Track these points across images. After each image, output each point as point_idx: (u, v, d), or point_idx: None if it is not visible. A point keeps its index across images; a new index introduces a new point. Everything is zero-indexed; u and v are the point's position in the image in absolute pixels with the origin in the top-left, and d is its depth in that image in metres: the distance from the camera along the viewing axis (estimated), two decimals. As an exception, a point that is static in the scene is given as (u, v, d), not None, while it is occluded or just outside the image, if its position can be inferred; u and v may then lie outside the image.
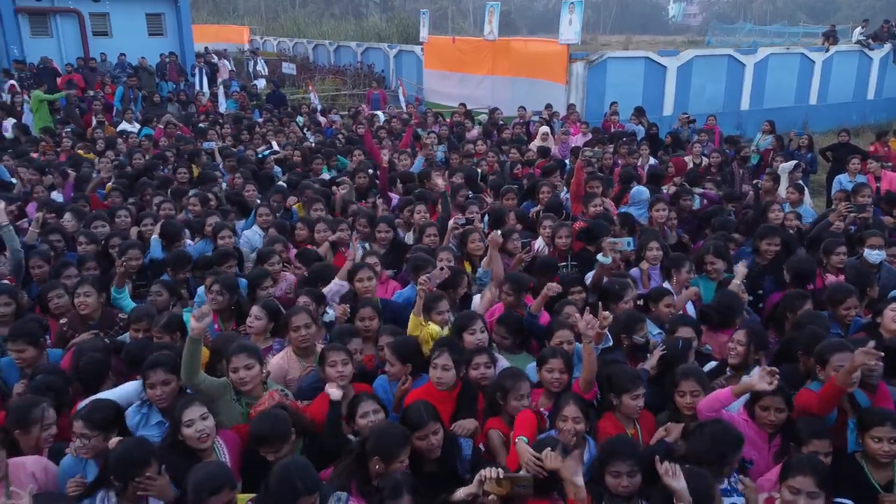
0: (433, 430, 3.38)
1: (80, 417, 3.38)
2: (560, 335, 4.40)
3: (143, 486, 3.05)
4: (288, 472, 2.90)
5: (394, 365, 4.12)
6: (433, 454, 3.40)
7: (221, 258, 5.74)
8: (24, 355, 4.28)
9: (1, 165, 9.14)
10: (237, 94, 17.66)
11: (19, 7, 21.29)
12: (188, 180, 8.78)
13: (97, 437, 3.37)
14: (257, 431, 3.36)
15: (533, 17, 67.52)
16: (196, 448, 3.35)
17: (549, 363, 4.00)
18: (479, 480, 2.93)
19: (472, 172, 8.98)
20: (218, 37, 35.03)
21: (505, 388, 3.74)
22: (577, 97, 17.53)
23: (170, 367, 3.73)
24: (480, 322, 4.41)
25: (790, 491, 3.08)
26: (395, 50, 26.91)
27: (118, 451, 3.12)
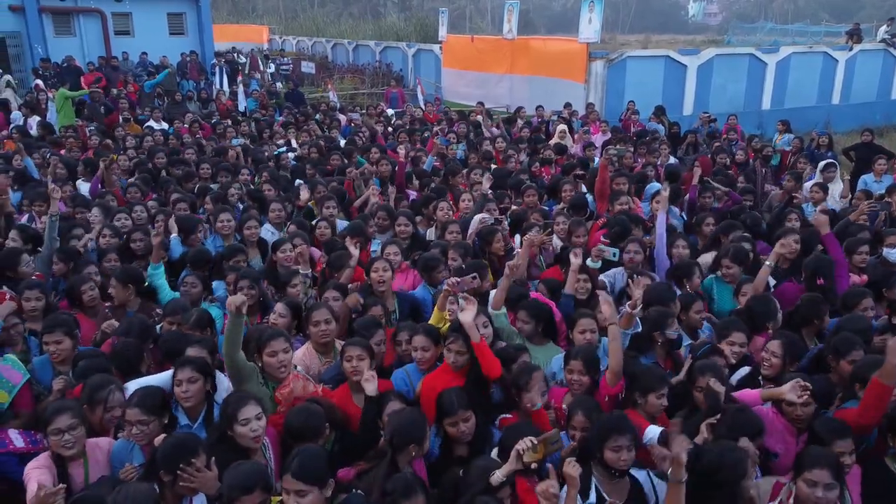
0: (464, 417, 3.44)
1: (135, 405, 3.42)
2: (583, 324, 4.40)
3: (190, 476, 3.03)
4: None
5: (427, 350, 4.15)
6: (464, 439, 3.48)
7: (232, 253, 5.79)
8: (62, 347, 4.31)
9: (28, 160, 9.24)
10: (257, 92, 17.78)
11: (43, 7, 21.59)
12: (210, 176, 8.85)
13: (154, 423, 3.44)
14: (292, 426, 3.39)
15: (551, 16, 67.29)
16: (247, 447, 3.34)
17: (569, 364, 4.00)
18: (517, 455, 2.99)
19: (502, 172, 8.95)
20: (237, 36, 35.29)
21: (519, 384, 3.73)
22: (596, 96, 17.46)
23: (198, 367, 3.77)
24: (482, 317, 4.35)
25: (807, 483, 3.09)
26: (414, 49, 26.94)
27: (168, 442, 3.13)
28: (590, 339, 4.39)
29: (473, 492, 2.98)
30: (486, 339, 4.17)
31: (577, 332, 4.46)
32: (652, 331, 4.38)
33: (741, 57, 19.54)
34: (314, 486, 2.88)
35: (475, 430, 3.51)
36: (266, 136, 11.98)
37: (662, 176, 8.88)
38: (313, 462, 2.94)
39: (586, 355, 4.03)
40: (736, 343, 4.36)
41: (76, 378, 4.02)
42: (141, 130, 12.31)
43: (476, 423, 3.51)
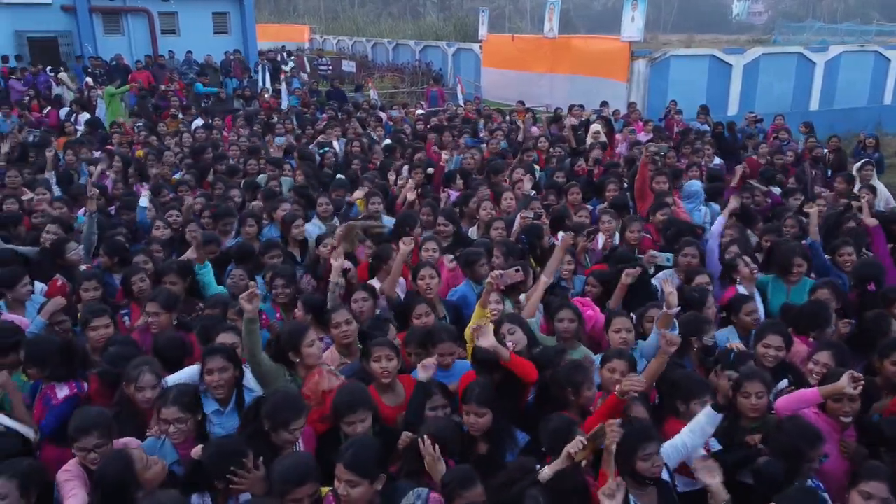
0: (476, 411, 3.45)
1: (173, 403, 3.41)
2: (619, 322, 4.34)
3: (240, 480, 3.03)
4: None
5: (452, 354, 4.14)
6: (472, 431, 3.49)
7: (267, 248, 5.84)
8: (101, 333, 4.41)
9: (84, 169, 9.45)
10: (299, 90, 17.97)
11: (94, 6, 22.17)
12: (256, 172, 8.96)
13: (190, 420, 3.45)
14: (340, 402, 3.38)
15: (591, 15, 66.69)
16: (283, 446, 3.35)
17: (611, 363, 3.91)
18: (567, 455, 2.98)
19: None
20: (279, 36, 35.76)
21: (577, 381, 3.67)
22: (638, 95, 17.26)
23: (228, 355, 3.80)
24: (508, 325, 4.29)
25: (862, 496, 3.01)
26: (454, 48, 26.96)
27: (214, 448, 3.13)
28: (625, 339, 4.33)
29: (522, 486, 2.96)
30: (517, 345, 4.14)
31: (612, 332, 4.39)
32: (689, 336, 4.29)
33: (789, 56, 19.10)
34: (365, 479, 2.89)
35: (493, 428, 3.49)
36: (309, 133, 12.08)
37: (705, 176, 8.73)
38: (366, 454, 2.95)
39: (630, 358, 3.97)
40: (772, 346, 4.22)
41: (107, 362, 4.06)
42: (178, 126, 12.52)
43: (495, 423, 3.49)
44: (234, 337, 4.11)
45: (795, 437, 3.29)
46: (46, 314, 4.68)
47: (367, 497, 2.92)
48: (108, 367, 3.99)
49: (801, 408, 3.60)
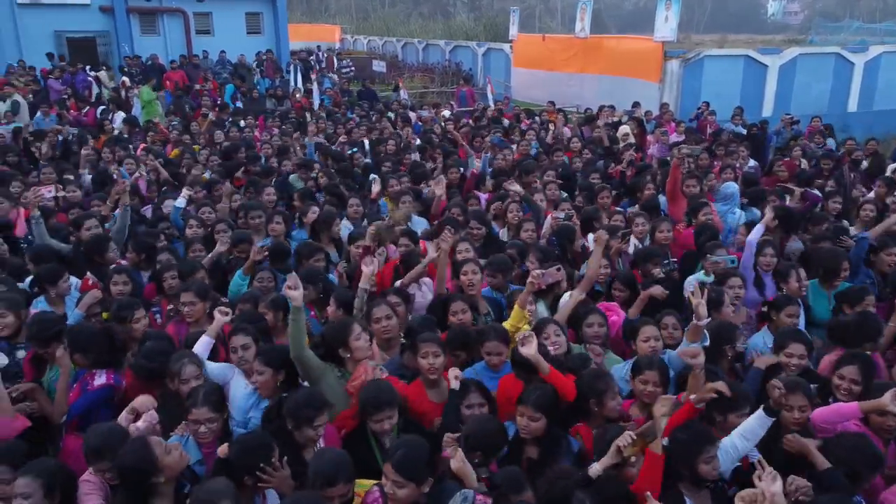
0: (531, 415, 3.41)
1: (203, 403, 3.43)
2: (647, 331, 4.29)
3: (268, 476, 3.05)
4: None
5: (500, 354, 4.09)
6: (523, 434, 3.46)
7: (311, 252, 5.85)
8: (141, 326, 4.52)
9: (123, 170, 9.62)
10: (330, 90, 18.09)
11: (131, 7, 22.56)
12: (287, 172, 9.03)
13: (219, 420, 3.47)
14: (367, 399, 3.39)
15: (623, 15, 66.09)
16: (306, 444, 3.38)
17: (644, 374, 3.85)
18: (616, 450, 3.00)
19: (567, 171, 8.85)
20: (310, 36, 36.02)
21: (599, 390, 3.62)
22: (670, 96, 17.07)
23: (251, 333, 3.91)
24: (555, 326, 4.29)
25: None
26: (484, 48, 26.93)
27: (241, 444, 3.17)
28: (654, 347, 4.26)
29: (568, 484, 2.93)
30: (559, 348, 4.14)
31: (640, 341, 4.33)
32: (723, 344, 4.24)
33: (826, 56, 18.73)
34: (411, 481, 2.90)
35: (545, 434, 3.46)
36: (340, 131, 12.14)
37: (740, 179, 8.59)
38: (415, 457, 2.95)
39: (661, 365, 3.92)
40: (794, 355, 4.13)
41: (143, 356, 4.11)
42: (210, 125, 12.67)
43: (548, 428, 3.46)
44: (245, 338, 4.11)
45: (858, 458, 3.23)
46: (84, 307, 4.77)
47: (412, 498, 2.93)
48: (144, 362, 4.05)
49: (839, 421, 3.52)
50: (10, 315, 4.43)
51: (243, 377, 4.09)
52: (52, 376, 4.19)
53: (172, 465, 3.02)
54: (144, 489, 2.98)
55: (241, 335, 4.11)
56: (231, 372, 4.13)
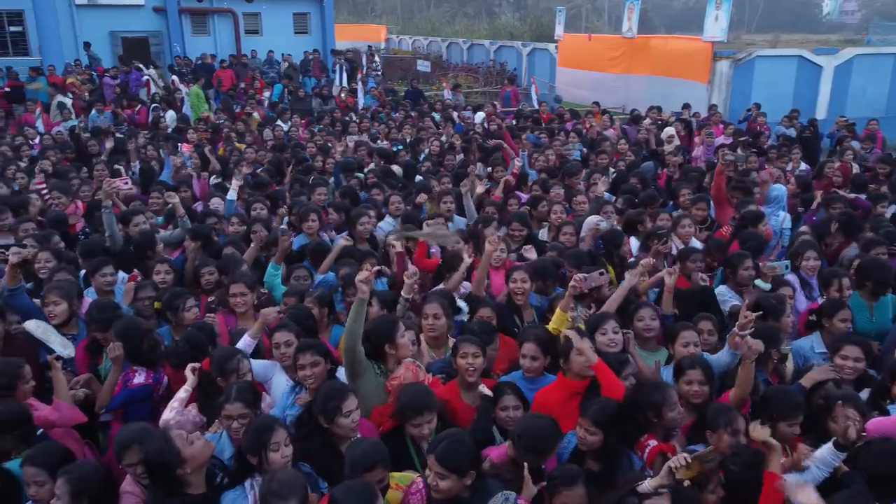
0: (588, 428, 3.32)
1: (237, 399, 3.45)
2: (686, 336, 4.19)
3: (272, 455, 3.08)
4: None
5: (536, 359, 4.03)
6: (582, 447, 3.37)
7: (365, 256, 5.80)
8: (191, 315, 4.61)
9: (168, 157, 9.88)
10: (375, 90, 18.22)
11: (183, 7, 23.11)
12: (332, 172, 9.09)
13: (252, 417, 3.46)
14: (405, 403, 3.38)
15: (671, 15, 65.03)
16: (345, 437, 3.38)
17: (687, 375, 3.77)
18: (668, 470, 2.86)
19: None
20: (356, 35, 36.34)
21: (656, 403, 3.51)
22: (719, 97, 16.71)
23: (320, 350, 3.86)
24: (613, 322, 4.23)
25: None
26: (529, 48, 26.78)
27: (253, 425, 3.22)
28: (693, 353, 4.14)
29: (622, 493, 2.89)
30: (615, 346, 4.07)
31: (678, 346, 4.21)
32: (769, 348, 4.10)
33: (885, 57, 18.12)
34: (453, 472, 2.91)
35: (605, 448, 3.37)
36: (383, 131, 12.22)
37: (793, 183, 8.36)
38: (458, 449, 2.95)
39: (705, 365, 3.83)
40: (850, 357, 4.01)
41: (183, 342, 4.25)
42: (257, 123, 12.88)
43: (608, 443, 3.37)
44: (288, 335, 4.13)
45: (885, 460, 3.12)
46: (127, 300, 4.92)
47: (455, 490, 2.94)
48: (182, 349, 4.17)
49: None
50: (63, 303, 4.56)
51: (284, 374, 4.13)
52: (107, 365, 4.29)
53: (196, 454, 3.05)
54: (175, 482, 3.02)
55: (284, 331, 4.14)
56: (273, 369, 4.18)
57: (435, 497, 2.98)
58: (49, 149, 10.05)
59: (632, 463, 3.40)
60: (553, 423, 3.29)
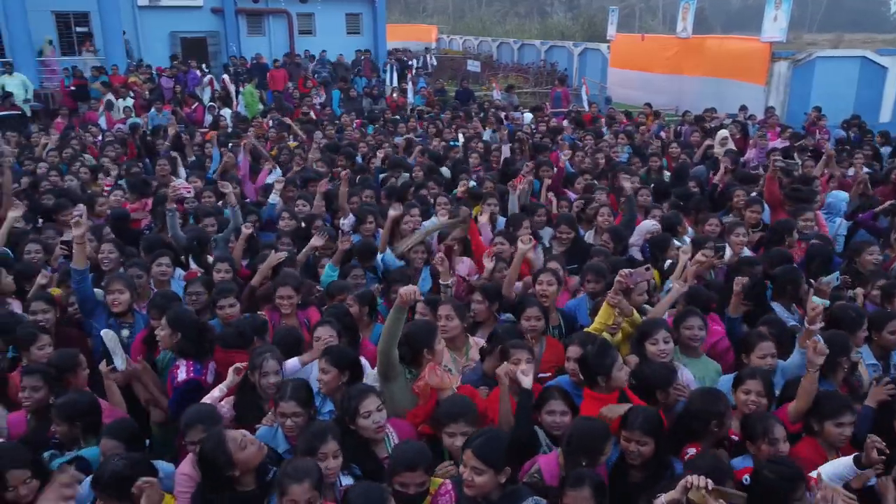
0: (639, 439, 3.26)
1: (291, 397, 3.49)
2: (764, 347, 4.08)
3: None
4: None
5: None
6: (631, 460, 3.31)
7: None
8: (233, 311, 4.70)
9: (215, 150, 10.12)
10: (425, 89, 18.33)
11: (239, 8, 23.66)
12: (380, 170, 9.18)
13: (305, 416, 3.52)
14: (443, 411, 3.40)
15: (728, 14, 63.47)
16: (369, 438, 3.41)
17: (746, 384, 3.69)
18: (683, 486, 2.72)
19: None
20: (407, 35, 36.59)
21: (721, 411, 3.42)
22: (777, 100, 16.27)
23: (336, 327, 4.06)
24: (664, 331, 4.14)
25: None
26: (581, 48, 26.53)
27: (309, 430, 3.28)
28: (770, 365, 4.05)
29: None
30: (666, 356, 4.02)
31: (755, 357, 4.10)
32: (839, 356, 3.96)
33: (955, 58, 17.33)
34: (490, 468, 2.92)
35: (654, 458, 3.30)
36: (432, 131, 12.30)
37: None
38: (494, 445, 2.97)
39: (766, 377, 3.74)
40: None
41: (233, 328, 4.37)
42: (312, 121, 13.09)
43: (656, 453, 3.31)
44: (330, 331, 4.19)
45: None
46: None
47: (490, 486, 2.94)
48: (231, 333, 4.32)
49: None
50: (126, 293, 4.77)
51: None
52: (164, 357, 4.45)
53: (247, 459, 3.11)
54: (225, 480, 3.09)
55: (326, 327, 4.21)
56: (310, 368, 4.22)
57: (468, 493, 2.97)
58: (108, 145, 10.45)
59: (674, 473, 3.33)
60: (603, 426, 3.26)
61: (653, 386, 3.77)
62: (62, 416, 3.53)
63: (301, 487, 2.77)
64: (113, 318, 4.83)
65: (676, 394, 3.78)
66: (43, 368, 3.86)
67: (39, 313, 4.59)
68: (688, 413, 3.47)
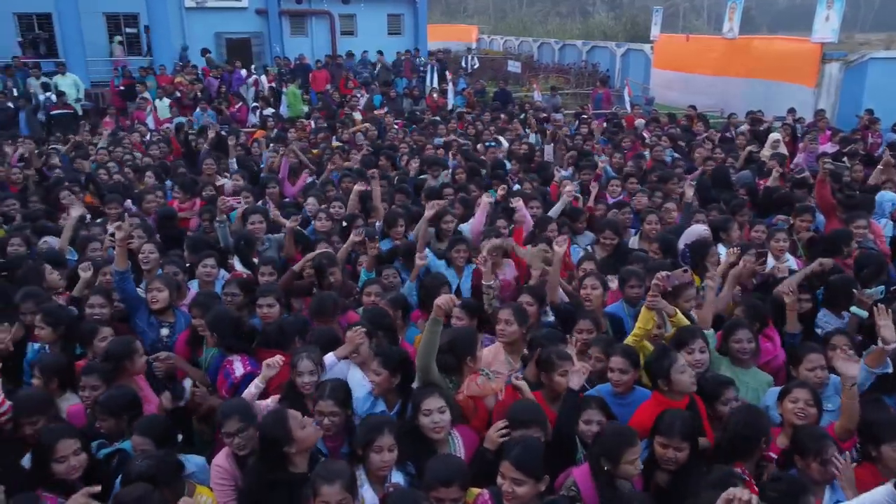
0: (677, 445, 3.22)
1: (329, 397, 3.55)
2: (813, 359, 3.97)
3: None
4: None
5: (626, 373, 3.94)
6: (665, 465, 3.25)
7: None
8: (272, 311, 4.72)
9: (266, 152, 10.27)
10: (465, 91, 18.31)
11: (283, 10, 23.96)
12: (418, 171, 9.20)
13: (342, 416, 3.56)
14: (514, 416, 3.39)
15: (775, 13, 62.05)
16: (430, 438, 3.43)
17: (794, 393, 3.59)
18: (726, 500, 2.55)
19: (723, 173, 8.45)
20: (448, 36, 36.63)
21: (766, 429, 3.36)
22: (827, 102, 15.82)
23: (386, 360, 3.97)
24: (700, 341, 4.08)
25: None
26: (623, 49, 26.21)
27: (369, 422, 3.35)
28: (820, 377, 3.94)
29: None
30: (702, 366, 3.95)
31: (803, 370, 4.00)
32: None
33: None
34: (531, 478, 2.90)
35: (686, 466, 3.25)
36: (471, 132, 12.27)
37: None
38: (533, 454, 2.96)
39: (813, 388, 3.64)
40: None
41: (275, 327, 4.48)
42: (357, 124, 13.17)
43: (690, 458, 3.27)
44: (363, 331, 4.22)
45: None
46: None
47: (530, 496, 2.92)
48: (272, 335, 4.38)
49: None
50: (165, 290, 4.86)
51: (358, 370, 4.16)
52: (207, 356, 4.52)
53: (305, 438, 3.24)
54: (280, 458, 3.20)
55: (358, 329, 4.19)
56: (346, 367, 4.21)
57: None
58: (153, 144, 10.69)
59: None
60: (631, 432, 3.22)
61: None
62: (107, 411, 3.64)
63: (332, 489, 2.80)
64: (153, 316, 4.91)
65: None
66: (100, 367, 3.98)
67: (97, 307, 4.71)
68: (736, 434, 3.38)
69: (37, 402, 3.64)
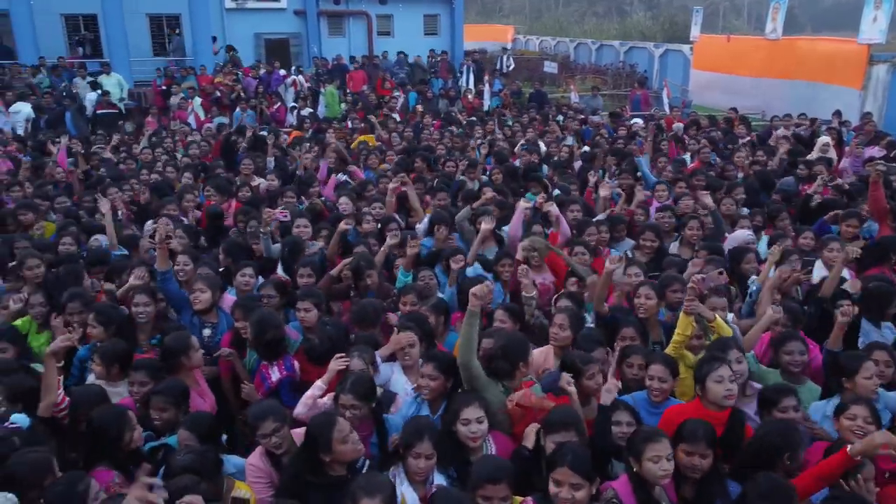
0: (700, 451, 3.17)
1: (349, 391, 3.59)
2: (869, 367, 3.86)
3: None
4: None
5: (665, 381, 3.91)
6: (688, 473, 3.21)
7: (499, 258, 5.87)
8: (309, 315, 4.72)
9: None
10: (502, 92, 18.25)
11: (321, 10, 24.17)
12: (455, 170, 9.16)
13: (363, 409, 3.60)
14: (551, 421, 3.40)
15: (819, 13, 60.60)
16: (470, 447, 3.43)
17: (852, 409, 3.49)
18: None
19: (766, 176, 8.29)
20: (484, 36, 36.52)
21: (795, 444, 3.28)
22: (874, 105, 15.41)
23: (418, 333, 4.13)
24: (736, 351, 4.00)
25: None
26: (662, 49, 25.87)
27: (412, 424, 3.38)
28: (876, 385, 3.85)
29: None
30: (741, 377, 3.87)
31: (861, 378, 3.86)
32: None
33: None
34: (588, 480, 2.89)
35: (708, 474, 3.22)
36: (507, 133, 12.23)
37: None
38: (586, 457, 2.96)
39: (873, 404, 3.56)
40: None
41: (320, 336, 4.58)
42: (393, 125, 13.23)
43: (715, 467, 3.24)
44: (413, 337, 4.23)
45: None
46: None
47: (586, 499, 2.91)
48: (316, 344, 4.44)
49: None
50: (208, 292, 4.94)
51: (403, 375, 4.21)
52: (251, 358, 4.60)
53: (343, 452, 3.24)
54: (318, 463, 3.22)
55: (409, 333, 4.25)
56: (390, 369, 4.27)
57: None
58: (193, 143, 10.86)
59: (726, 490, 3.24)
60: (654, 428, 3.26)
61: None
62: (168, 401, 3.71)
63: (373, 502, 2.80)
64: (196, 316, 4.99)
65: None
66: (148, 364, 4.09)
67: (141, 306, 4.79)
68: (763, 444, 3.33)
69: (92, 396, 3.77)
